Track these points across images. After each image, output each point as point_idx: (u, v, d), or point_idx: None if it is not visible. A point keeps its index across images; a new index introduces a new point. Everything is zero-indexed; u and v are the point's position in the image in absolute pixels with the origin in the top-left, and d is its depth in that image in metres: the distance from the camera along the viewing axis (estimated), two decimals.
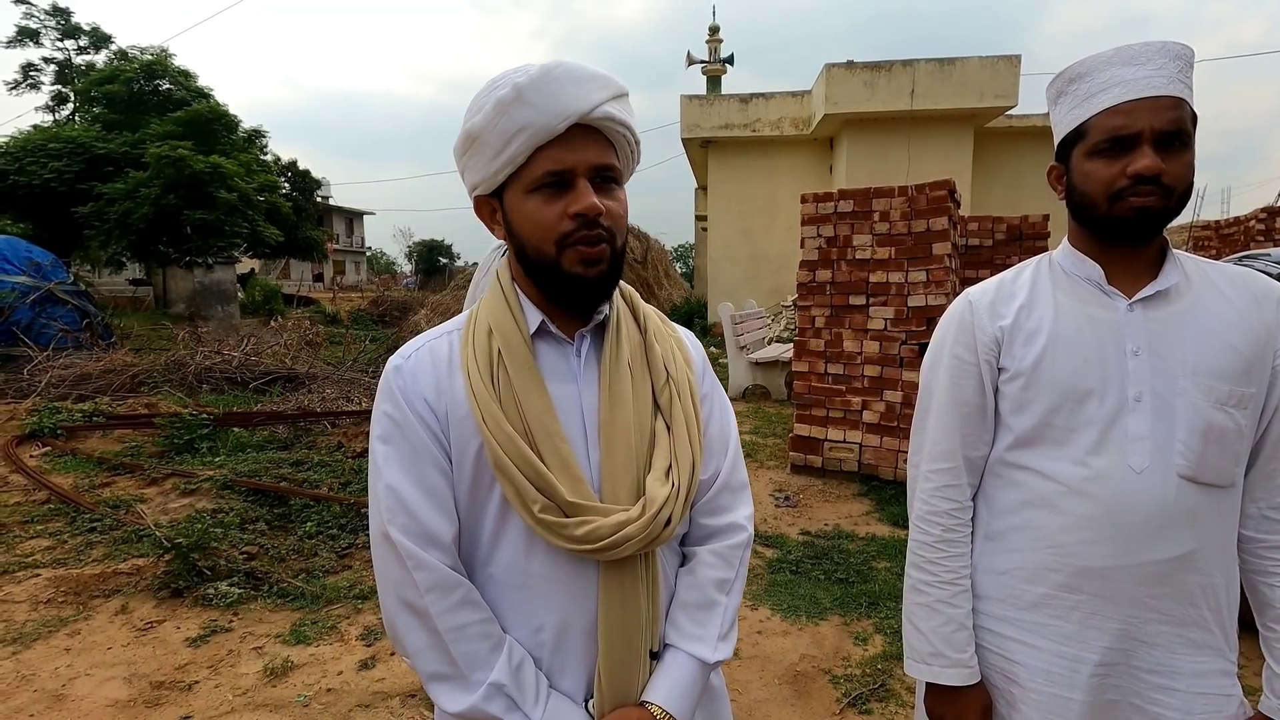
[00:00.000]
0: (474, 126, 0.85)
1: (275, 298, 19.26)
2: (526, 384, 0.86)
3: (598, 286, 0.87)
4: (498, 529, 0.88)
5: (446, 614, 0.84)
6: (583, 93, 0.82)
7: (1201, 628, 0.99)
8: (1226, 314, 0.99)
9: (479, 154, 0.86)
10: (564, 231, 0.84)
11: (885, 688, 2.50)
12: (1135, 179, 0.94)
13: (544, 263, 0.86)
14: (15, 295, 9.11)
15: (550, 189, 0.84)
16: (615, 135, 0.87)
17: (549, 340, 0.92)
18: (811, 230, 4.97)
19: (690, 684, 0.90)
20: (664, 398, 0.93)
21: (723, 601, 0.95)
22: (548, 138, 0.82)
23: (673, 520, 0.86)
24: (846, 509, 4.39)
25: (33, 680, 2.56)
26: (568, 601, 0.87)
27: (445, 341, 0.93)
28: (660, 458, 0.89)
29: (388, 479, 0.86)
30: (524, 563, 0.88)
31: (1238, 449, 0.97)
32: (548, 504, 0.83)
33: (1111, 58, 0.96)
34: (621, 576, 0.87)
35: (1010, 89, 11.29)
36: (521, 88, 0.82)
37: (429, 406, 0.88)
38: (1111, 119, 0.95)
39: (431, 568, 0.84)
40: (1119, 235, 1.00)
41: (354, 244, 46.60)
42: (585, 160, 0.84)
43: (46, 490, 4.47)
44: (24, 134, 17.17)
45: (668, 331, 1.02)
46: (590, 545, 0.83)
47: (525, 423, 0.85)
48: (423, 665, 0.85)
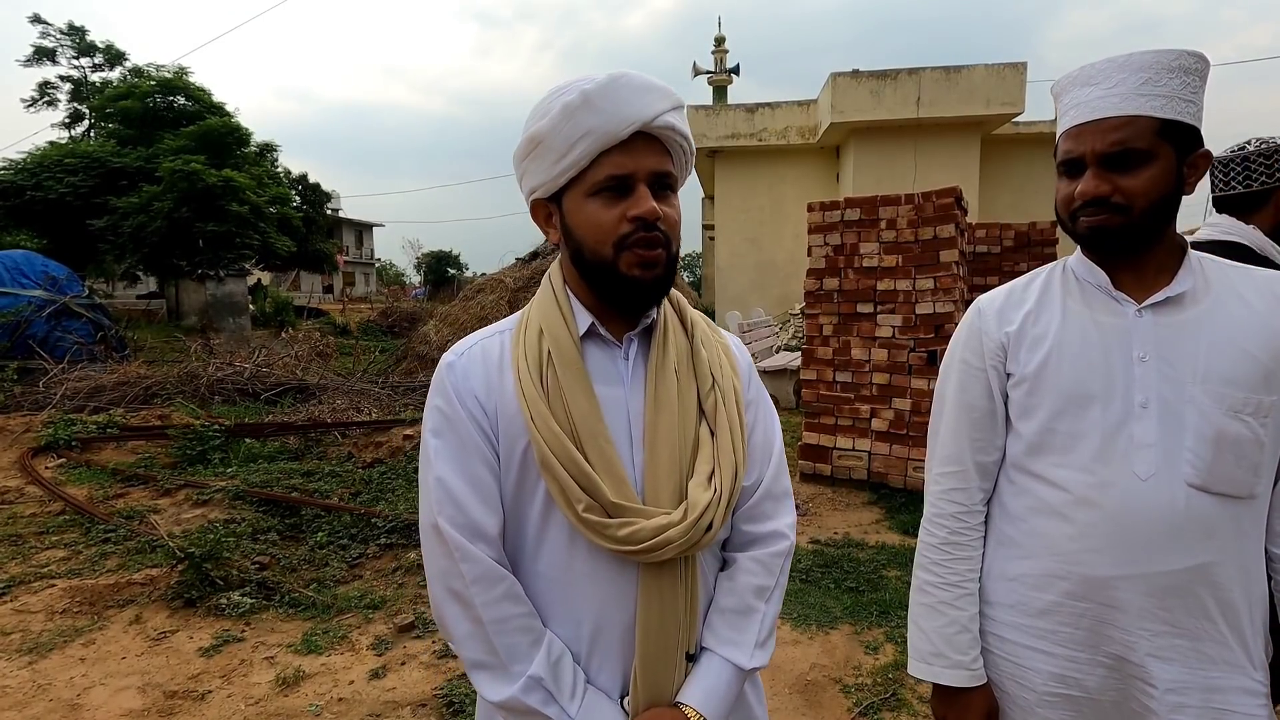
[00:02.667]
0: (539, 130, 0.88)
1: (286, 309, 19.42)
2: (574, 385, 0.88)
3: (653, 289, 0.89)
4: (542, 526, 0.90)
5: (490, 605, 0.86)
6: (646, 102, 0.85)
7: (1218, 643, 0.96)
8: (1245, 319, 0.96)
9: (541, 158, 0.89)
10: (622, 234, 0.86)
11: (897, 697, 2.48)
12: (1082, 200, 0.98)
13: (601, 265, 0.88)
14: (32, 309, 9.24)
15: (611, 193, 0.86)
16: (673, 144, 0.90)
17: (597, 343, 0.93)
18: (819, 238, 4.98)
19: (725, 689, 0.91)
20: (709, 403, 0.94)
21: (761, 609, 0.96)
22: (611, 143, 0.85)
23: (714, 526, 0.87)
24: (856, 517, 4.37)
25: (48, 689, 2.58)
26: (607, 600, 0.89)
27: (497, 341, 0.95)
28: (703, 463, 0.90)
29: (437, 471, 0.88)
30: (566, 560, 0.89)
31: (1256, 459, 0.94)
32: (591, 503, 0.85)
33: (1076, 77, 0.99)
34: (661, 578, 0.88)
35: (1017, 96, 11.29)
36: (589, 94, 0.84)
37: (479, 403, 0.90)
38: (1066, 142, 1.00)
39: (477, 560, 0.86)
40: (1089, 249, 1.03)
41: (363, 255, 46.93)
42: (645, 166, 0.86)
43: (62, 501, 4.52)
44: (41, 150, 17.49)
45: (715, 337, 1.03)
46: (632, 546, 0.84)
47: (572, 423, 0.87)
48: (466, 652, 0.88)
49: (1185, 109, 0.94)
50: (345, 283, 40.27)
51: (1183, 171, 0.97)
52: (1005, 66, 11.33)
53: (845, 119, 11.65)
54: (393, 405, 7.21)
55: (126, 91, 18.95)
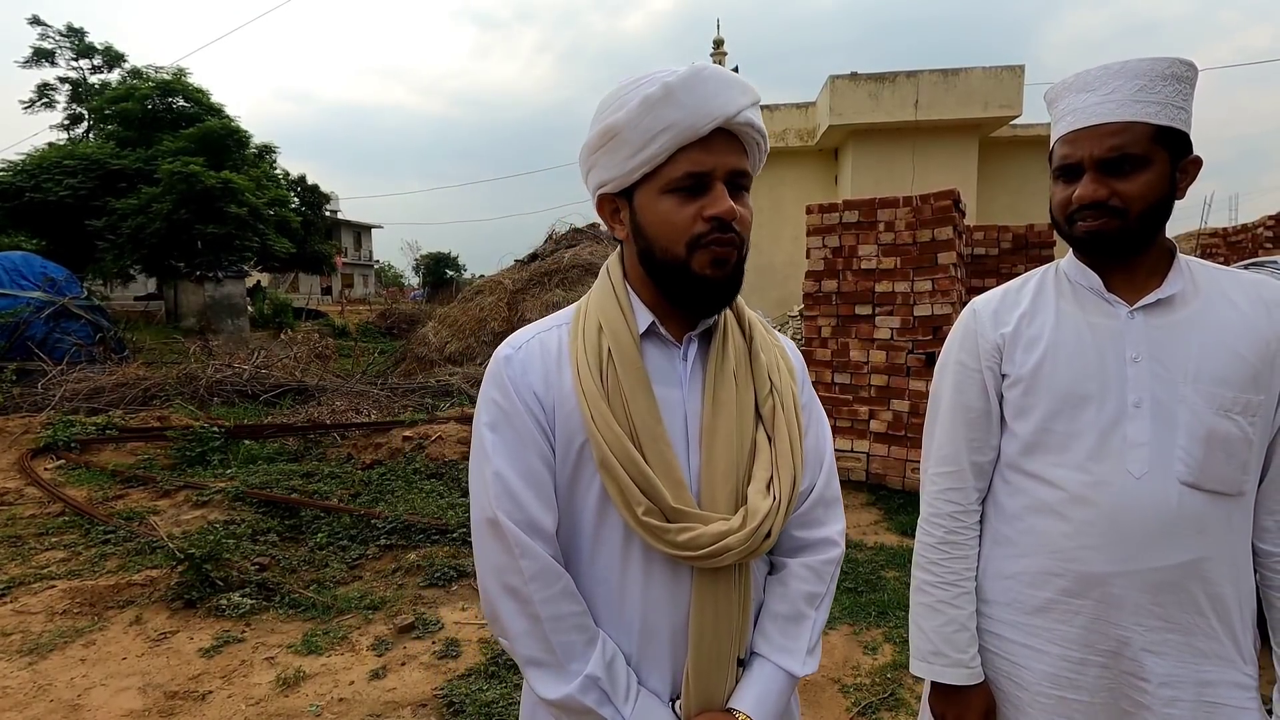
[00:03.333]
0: (615, 122, 0.85)
1: (285, 311, 19.41)
2: (634, 385, 0.86)
3: (724, 288, 0.87)
4: (597, 526, 0.89)
5: (548, 602, 0.84)
6: (729, 96, 0.83)
7: (1209, 637, 0.98)
8: (1234, 321, 0.99)
9: (615, 151, 0.86)
10: (697, 233, 0.84)
11: (895, 697, 2.49)
12: (1079, 205, 0.99)
13: (673, 264, 0.86)
14: (30, 310, 9.24)
15: (687, 191, 0.84)
16: (750, 142, 0.87)
17: (656, 342, 0.92)
18: (817, 241, 5.00)
19: (778, 695, 0.90)
20: (766, 408, 0.92)
21: (812, 616, 0.95)
22: (691, 138, 0.82)
23: (772, 534, 0.86)
24: (855, 518, 4.38)
25: (49, 690, 2.59)
26: (660, 603, 0.88)
27: (555, 335, 0.93)
28: (761, 469, 0.89)
29: (496, 466, 0.87)
30: (621, 562, 0.88)
31: (1245, 457, 0.97)
32: (651, 507, 0.83)
33: (1072, 83, 1.01)
34: (716, 584, 0.87)
35: (1014, 99, 11.32)
36: (671, 87, 0.82)
37: (537, 398, 0.88)
38: (1062, 147, 1.02)
39: (536, 555, 0.85)
40: (1085, 252, 1.05)
41: (362, 257, 46.91)
42: (724, 164, 0.84)
43: (61, 503, 4.52)
44: (39, 152, 17.46)
45: (771, 340, 1.01)
46: (691, 552, 0.83)
47: (631, 424, 0.85)
48: (522, 649, 0.86)
49: (1178, 115, 0.96)
50: (344, 284, 40.25)
51: (1175, 177, 0.99)
52: (1003, 69, 11.37)
53: (844, 121, 11.68)
54: (392, 407, 7.22)
55: (126, 93, 18.94)
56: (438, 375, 8.93)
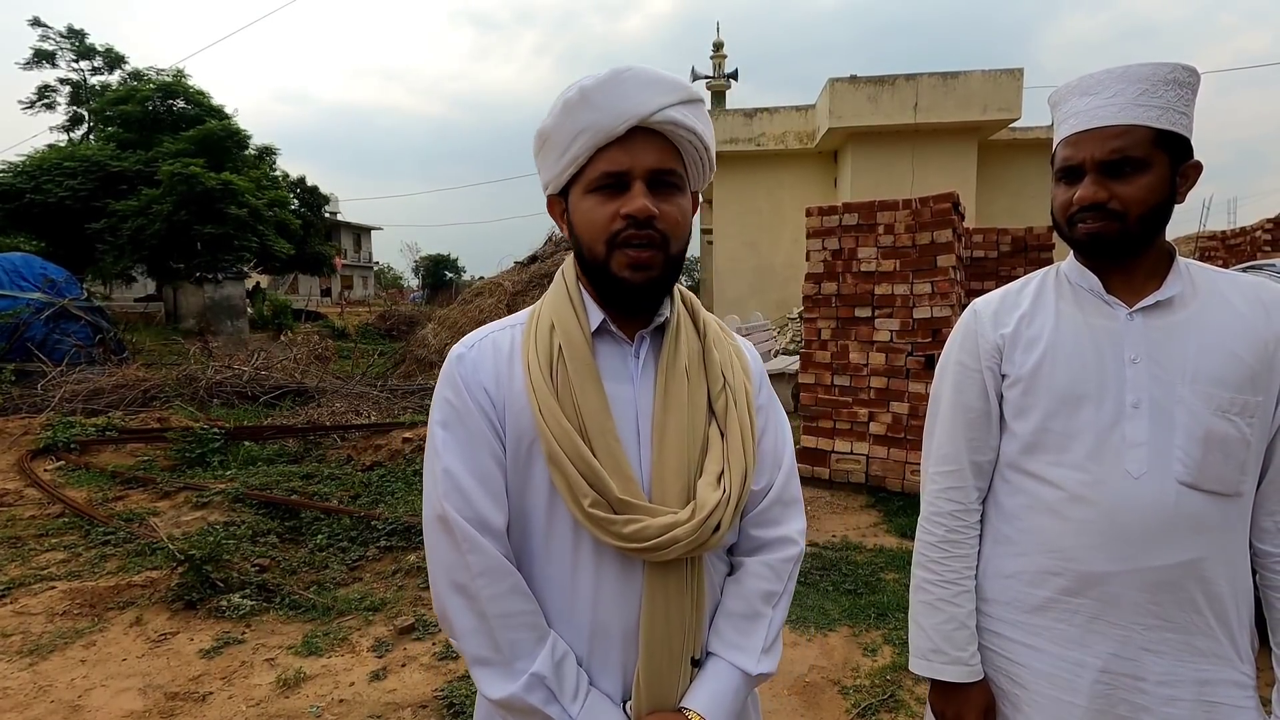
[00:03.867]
0: (544, 127, 0.88)
1: (284, 312, 19.41)
2: (584, 381, 0.87)
3: (644, 291, 0.88)
4: (548, 524, 0.89)
5: (496, 600, 0.84)
6: (646, 96, 0.83)
7: (1207, 636, 0.99)
8: (1231, 322, 0.99)
9: (548, 154, 0.89)
10: (614, 231, 0.85)
11: (895, 698, 2.50)
12: (1080, 206, 1.00)
13: (595, 263, 0.87)
14: (30, 311, 9.24)
15: (607, 190, 0.85)
16: (680, 140, 0.87)
17: (609, 340, 0.93)
18: (817, 243, 5.01)
19: (731, 694, 0.90)
20: (719, 404, 0.93)
21: (768, 614, 0.94)
22: (608, 139, 0.83)
23: (721, 527, 0.86)
24: (854, 520, 4.38)
25: (49, 691, 2.59)
26: (612, 601, 0.88)
27: (508, 334, 0.94)
28: (712, 463, 0.89)
29: (445, 462, 0.87)
30: (571, 559, 0.88)
31: (1243, 457, 0.97)
32: (598, 499, 0.83)
33: (1075, 87, 1.02)
34: (666, 580, 0.87)
35: (1013, 102, 11.36)
36: (587, 90, 0.84)
37: (488, 396, 0.89)
38: (1064, 150, 1.03)
39: (485, 552, 0.85)
40: (1085, 254, 1.06)
41: (362, 259, 46.91)
42: (643, 163, 0.84)
43: (61, 504, 4.52)
44: (40, 153, 17.46)
45: (727, 340, 1.02)
46: (637, 544, 0.83)
47: (581, 419, 0.86)
48: (468, 648, 0.86)
49: (1179, 120, 0.97)
50: (343, 286, 40.26)
51: (1175, 181, 1.00)
52: (1002, 72, 11.41)
53: (843, 124, 11.71)
54: (391, 408, 7.22)
55: (126, 95, 18.96)
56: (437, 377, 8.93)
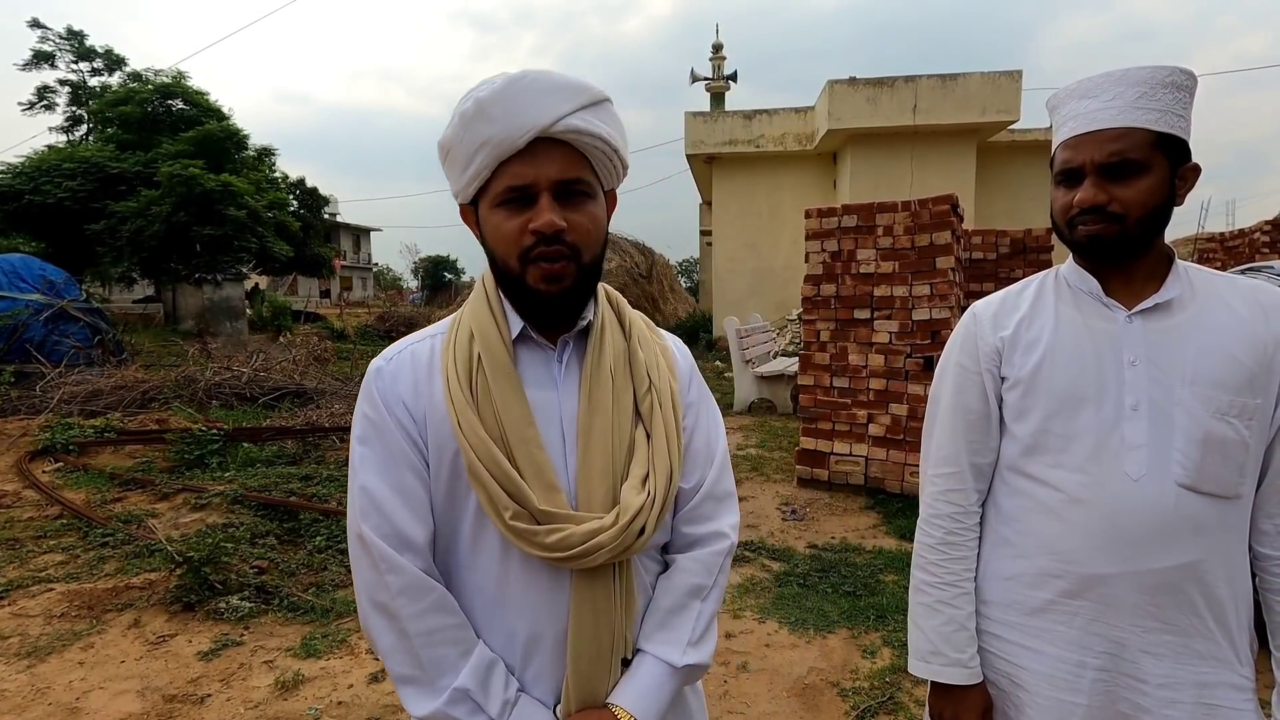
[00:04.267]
0: (444, 140, 0.86)
1: (284, 314, 19.41)
2: (505, 390, 0.86)
3: (561, 302, 0.87)
4: (476, 534, 0.88)
5: (417, 618, 0.83)
6: (546, 105, 0.80)
7: (1206, 639, 0.99)
8: (1230, 325, 1.00)
9: (451, 167, 0.87)
10: (525, 246, 0.83)
11: (894, 700, 2.50)
12: (1080, 209, 1.00)
13: (510, 275, 0.86)
14: (29, 312, 9.23)
15: (514, 204, 0.83)
16: (586, 147, 0.84)
17: (531, 346, 0.91)
18: (816, 245, 5.01)
19: (657, 687, 0.89)
20: (645, 405, 0.92)
21: (696, 607, 0.94)
22: (509, 152, 0.81)
23: (646, 530, 0.85)
24: (853, 522, 4.38)
25: (47, 693, 2.58)
26: (542, 609, 0.87)
27: (427, 345, 0.93)
28: (638, 466, 0.88)
29: (363, 480, 0.86)
30: (500, 569, 0.87)
31: (1241, 460, 0.97)
32: (519, 510, 0.83)
33: (1073, 90, 1.02)
34: (594, 585, 0.86)
35: (1012, 104, 11.37)
36: (482, 102, 0.80)
37: (407, 410, 0.88)
38: (1064, 152, 1.03)
39: (403, 570, 0.84)
40: (1084, 257, 1.06)
41: (361, 260, 46.93)
42: (548, 175, 0.82)
43: (59, 505, 4.52)
44: (39, 154, 17.45)
45: (653, 339, 1.00)
46: (561, 553, 0.82)
47: (502, 429, 0.84)
48: (392, 666, 0.85)
49: (1177, 123, 0.98)
50: (343, 287, 40.25)
51: (1174, 183, 1.00)
52: (1001, 74, 11.42)
53: (842, 126, 11.72)
54: None
55: (125, 96, 18.93)
56: None
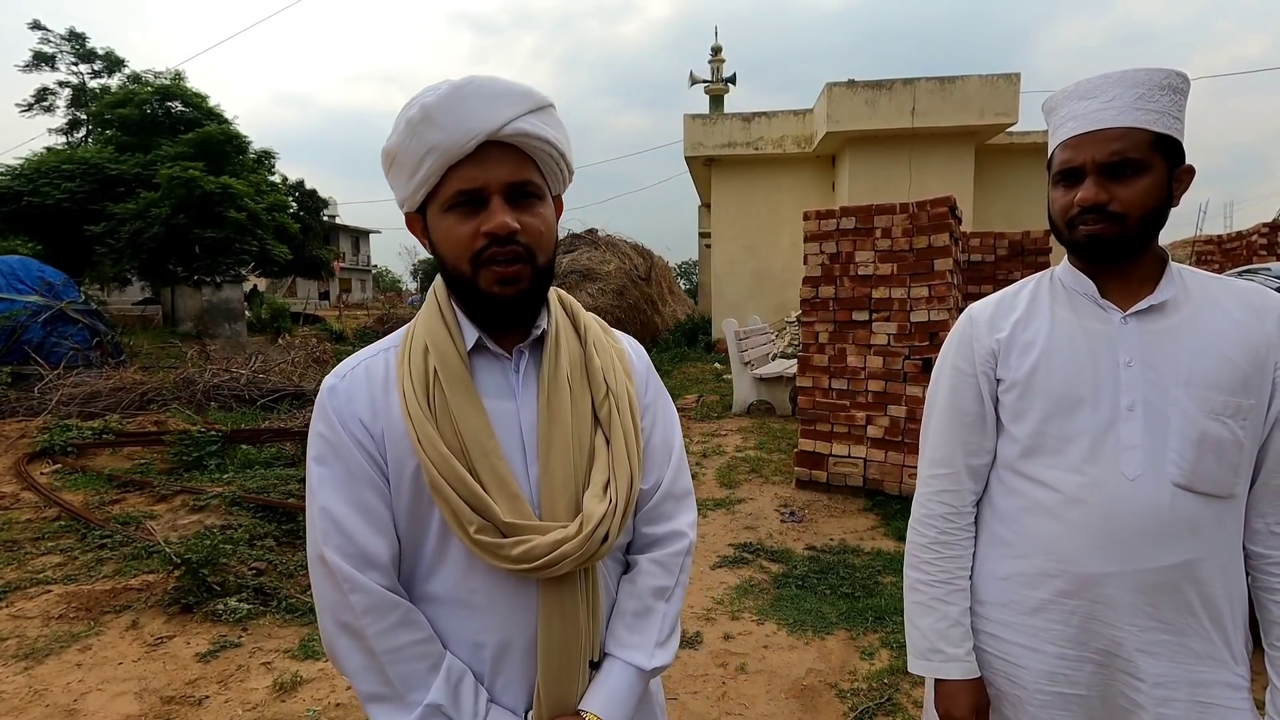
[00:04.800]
0: (390, 147, 0.86)
1: (283, 315, 19.40)
2: (463, 402, 0.85)
3: (516, 306, 0.87)
4: (440, 547, 0.87)
5: (383, 635, 0.83)
6: (493, 110, 0.81)
7: (1202, 638, 1.00)
8: (1223, 326, 1.01)
9: (397, 174, 0.86)
10: (477, 249, 0.83)
11: (892, 701, 2.50)
12: (1080, 208, 1.00)
13: (462, 280, 0.86)
14: (28, 314, 9.22)
15: (464, 208, 0.83)
16: (534, 150, 0.85)
17: (487, 356, 0.91)
18: (814, 247, 5.02)
19: (626, 691, 0.90)
20: (604, 411, 0.92)
21: (661, 609, 0.95)
22: (458, 157, 0.81)
23: (610, 536, 0.86)
24: (852, 524, 4.39)
25: (45, 695, 2.58)
26: (508, 619, 0.87)
27: (381, 359, 0.92)
28: (599, 473, 0.89)
29: (322, 501, 0.85)
30: (464, 581, 0.87)
31: (1236, 460, 0.98)
32: (484, 524, 0.82)
33: (1071, 92, 1.02)
34: (561, 592, 0.86)
35: (1010, 106, 11.39)
36: (429, 108, 0.81)
37: (364, 427, 0.87)
38: (1064, 152, 1.03)
39: (367, 590, 0.83)
40: (1083, 257, 1.06)
41: (360, 262, 46.97)
42: (498, 178, 0.83)
43: (57, 507, 4.51)
44: (38, 156, 17.45)
45: (609, 341, 1.00)
46: (527, 565, 0.82)
47: (462, 442, 0.84)
48: (361, 686, 0.85)
49: (1174, 125, 0.98)
50: (342, 289, 40.24)
51: (1171, 185, 1.01)
52: (999, 77, 11.44)
53: (841, 128, 11.73)
54: None
55: (125, 98, 18.93)
56: None
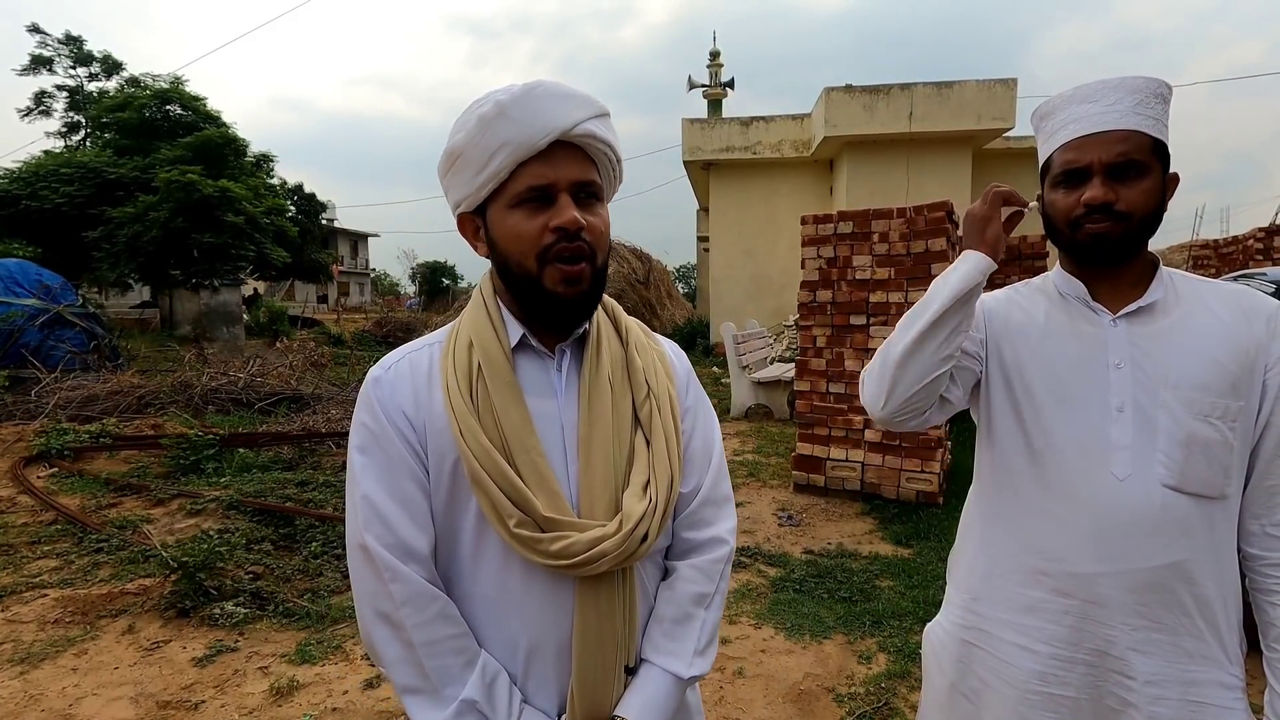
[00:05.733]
0: (457, 143, 0.87)
1: (281, 319, 19.38)
2: (505, 398, 0.87)
3: (577, 306, 0.88)
4: (477, 543, 0.88)
5: (422, 627, 0.83)
6: (564, 110, 0.84)
7: (1195, 637, 1.00)
8: (1212, 329, 1.02)
9: (462, 171, 0.88)
10: (545, 245, 0.85)
11: (889, 706, 2.50)
12: (1087, 208, 1.01)
13: (526, 278, 0.87)
14: (25, 317, 9.21)
15: (533, 204, 0.85)
16: (596, 153, 0.88)
17: (530, 354, 0.92)
18: (812, 251, 5.04)
19: (664, 700, 0.89)
20: (644, 412, 0.93)
21: (700, 615, 0.94)
22: (530, 153, 0.83)
23: (649, 536, 0.86)
24: (849, 528, 4.39)
25: (40, 700, 2.57)
26: (544, 618, 0.87)
27: (426, 354, 0.93)
28: (638, 473, 0.89)
29: (364, 489, 0.86)
30: (501, 578, 0.87)
31: (1226, 461, 0.99)
32: (524, 518, 0.83)
33: (1071, 96, 1.04)
34: (598, 592, 0.86)
35: (1007, 111, 11.43)
36: (504, 104, 0.83)
37: (407, 419, 0.88)
38: (1066, 154, 1.04)
39: (407, 580, 0.84)
40: (1085, 258, 1.07)
41: (359, 266, 46.96)
42: (567, 176, 0.85)
43: (54, 511, 4.50)
44: (36, 159, 17.44)
45: (650, 344, 1.02)
46: (565, 561, 0.82)
47: (503, 437, 0.85)
48: (397, 677, 0.85)
49: (1165, 132, 1.01)
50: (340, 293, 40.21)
51: (1165, 189, 1.03)
52: (996, 82, 11.48)
53: (838, 133, 11.76)
54: None
55: (123, 102, 18.92)
56: None
